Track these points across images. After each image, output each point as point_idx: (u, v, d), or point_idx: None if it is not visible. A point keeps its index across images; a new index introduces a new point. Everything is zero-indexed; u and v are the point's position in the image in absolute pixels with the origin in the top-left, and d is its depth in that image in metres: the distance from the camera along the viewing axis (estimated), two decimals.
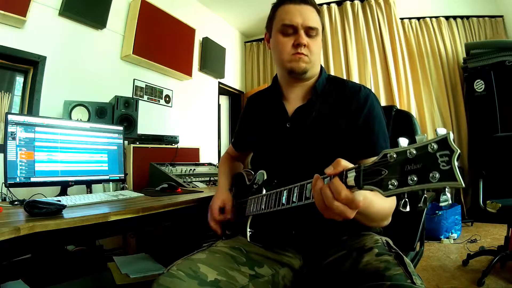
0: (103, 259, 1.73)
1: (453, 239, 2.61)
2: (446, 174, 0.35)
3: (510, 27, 3.71)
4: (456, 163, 0.35)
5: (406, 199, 0.41)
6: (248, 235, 0.81)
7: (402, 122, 1.05)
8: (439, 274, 1.90)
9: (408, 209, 0.42)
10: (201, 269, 0.69)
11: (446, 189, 0.36)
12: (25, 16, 1.94)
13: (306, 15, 0.81)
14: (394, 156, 0.41)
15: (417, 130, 1.02)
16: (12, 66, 2.07)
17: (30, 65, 2.13)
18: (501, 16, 3.78)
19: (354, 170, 0.47)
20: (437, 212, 2.67)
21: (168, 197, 1.25)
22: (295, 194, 0.61)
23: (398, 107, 1.12)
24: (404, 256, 0.63)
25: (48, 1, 2.17)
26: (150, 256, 1.81)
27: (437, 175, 0.36)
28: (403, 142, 0.41)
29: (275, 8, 0.88)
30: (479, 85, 3.30)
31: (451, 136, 0.36)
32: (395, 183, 0.40)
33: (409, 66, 3.62)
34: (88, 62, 2.46)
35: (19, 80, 2.15)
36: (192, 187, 1.66)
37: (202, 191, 1.45)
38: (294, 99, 0.89)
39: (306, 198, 0.57)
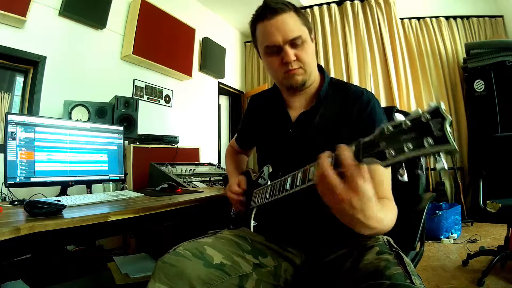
0: (103, 259, 1.73)
1: (453, 239, 2.61)
2: (440, 139, 0.37)
3: (510, 27, 3.71)
4: (448, 129, 0.37)
5: (404, 169, 0.44)
6: (252, 226, 0.83)
7: None
8: (439, 274, 1.90)
9: (406, 178, 0.44)
10: (207, 251, 0.70)
11: (441, 154, 0.38)
12: (25, 16, 1.94)
13: (284, 28, 0.76)
14: (391, 129, 0.43)
15: None
16: (12, 66, 2.07)
17: (30, 65, 2.13)
18: (501, 16, 3.78)
19: (353, 145, 0.49)
20: (437, 212, 2.67)
21: (168, 197, 1.25)
22: (298, 178, 0.63)
23: (398, 108, 1.13)
24: (404, 256, 0.63)
25: (48, 1, 2.17)
26: (150, 256, 1.81)
27: (431, 140, 0.38)
28: (399, 116, 0.43)
29: (253, 26, 0.84)
30: (479, 85, 3.30)
31: (443, 106, 0.38)
32: (392, 153, 0.42)
33: (409, 66, 3.62)
34: (88, 62, 2.46)
35: (19, 80, 2.15)
36: (192, 187, 1.66)
37: (202, 191, 1.45)
38: (297, 106, 0.89)
39: (309, 180, 0.59)
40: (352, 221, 0.51)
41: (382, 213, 0.59)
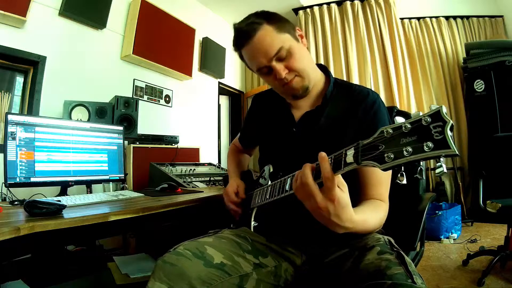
0: (103, 259, 1.73)
1: (453, 239, 2.61)
2: (440, 143, 0.37)
3: (510, 27, 3.71)
4: (449, 133, 0.36)
5: (403, 172, 0.44)
6: (252, 226, 0.83)
7: None
8: (439, 274, 1.89)
9: (404, 181, 0.44)
10: (208, 251, 0.70)
11: (441, 159, 0.38)
12: (25, 16, 1.94)
13: (264, 48, 0.76)
14: (390, 131, 0.43)
15: None
16: (12, 66, 2.07)
17: (30, 65, 2.13)
18: (501, 16, 3.78)
19: (353, 147, 0.49)
20: (437, 212, 2.67)
21: (168, 197, 1.25)
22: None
23: (398, 108, 1.13)
24: (405, 256, 0.63)
25: (48, 1, 2.17)
26: (150, 256, 1.81)
27: (431, 144, 0.37)
28: (400, 119, 0.42)
29: (239, 53, 0.85)
30: (479, 85, 3.31)
31: (444, 109, 0.37)
32: (391, 156, 0.42)
33: (409, 66, 3.62)
34: (88, 62, 2.46)
35: (19, 80, 2.15)
36: (192, 187, 1.66)
37: (202, 191, 1.45)
38: (301, 107, 0.89)
39: None
40: (327, 223, 0.57)
41: (364, 215, 0.64)
